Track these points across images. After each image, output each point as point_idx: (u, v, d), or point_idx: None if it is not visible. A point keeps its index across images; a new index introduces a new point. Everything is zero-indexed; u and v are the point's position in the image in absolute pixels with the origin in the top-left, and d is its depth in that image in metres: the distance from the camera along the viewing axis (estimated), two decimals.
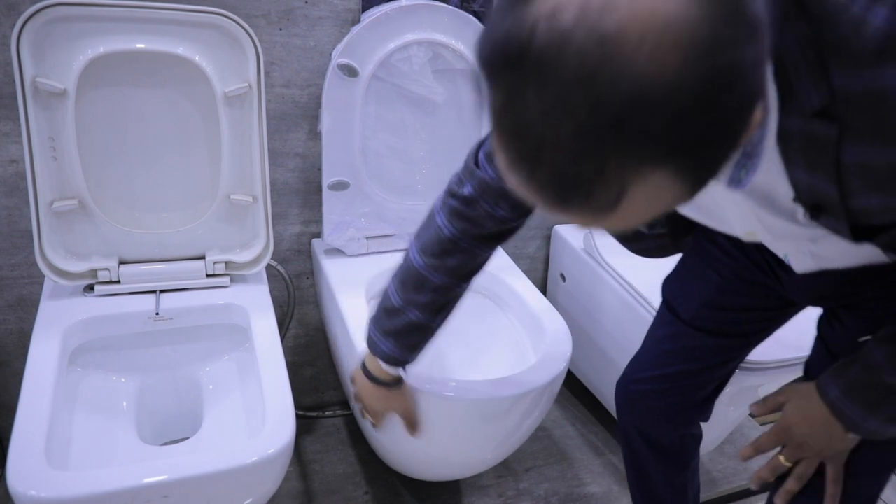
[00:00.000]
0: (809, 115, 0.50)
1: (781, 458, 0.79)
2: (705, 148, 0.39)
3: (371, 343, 0.91)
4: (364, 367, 0.96)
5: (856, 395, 0.69)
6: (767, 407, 0.81)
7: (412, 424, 1.02)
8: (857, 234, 0.56)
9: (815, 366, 0.86)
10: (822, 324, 0.85)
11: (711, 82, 0.37)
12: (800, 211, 0.58)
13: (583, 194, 0.40)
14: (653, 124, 0.37)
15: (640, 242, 0.89)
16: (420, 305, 0.85)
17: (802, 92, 0.49)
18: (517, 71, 0.38)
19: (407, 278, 0.85)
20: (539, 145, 0.39)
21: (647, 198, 0.41)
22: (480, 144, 0.79)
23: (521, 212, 0.78)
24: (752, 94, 0.40)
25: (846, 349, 0.74)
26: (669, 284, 1.01)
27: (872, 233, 0.56)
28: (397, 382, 0.96)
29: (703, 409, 1.03)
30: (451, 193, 0.81)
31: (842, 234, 0.56)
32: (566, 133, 0.38)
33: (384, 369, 0.93)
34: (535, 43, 0.37)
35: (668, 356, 1.00)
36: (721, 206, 0.69)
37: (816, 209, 0.56)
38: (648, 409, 1.04)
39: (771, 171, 0.56)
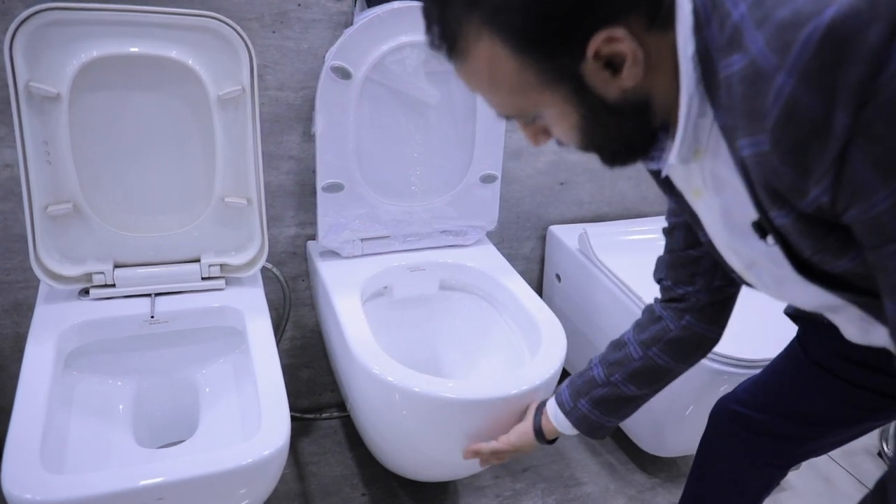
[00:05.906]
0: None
1: None
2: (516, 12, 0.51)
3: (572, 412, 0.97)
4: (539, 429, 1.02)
5: None
6: None
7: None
8: (803, 268, 0.57)
9: None
10: None
11: None
12: (754, 236, 0.59)
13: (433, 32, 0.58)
14: None
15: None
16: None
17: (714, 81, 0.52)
18: None
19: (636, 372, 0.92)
20: None
21: (482, 56, 0.55)
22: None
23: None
24: None
25: None
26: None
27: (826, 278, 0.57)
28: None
29: (809, 456, 0.96)
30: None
31: (789, 262, 0.57)
32: None
33: (558, 430, 1.00)
34: None
35: (789, 390, 0.92)
36: (713, 235, 0.70)
37: (761, 230, 0.57)
38: (745, 440, 0.96)
39: (737, 194, 0.57)
